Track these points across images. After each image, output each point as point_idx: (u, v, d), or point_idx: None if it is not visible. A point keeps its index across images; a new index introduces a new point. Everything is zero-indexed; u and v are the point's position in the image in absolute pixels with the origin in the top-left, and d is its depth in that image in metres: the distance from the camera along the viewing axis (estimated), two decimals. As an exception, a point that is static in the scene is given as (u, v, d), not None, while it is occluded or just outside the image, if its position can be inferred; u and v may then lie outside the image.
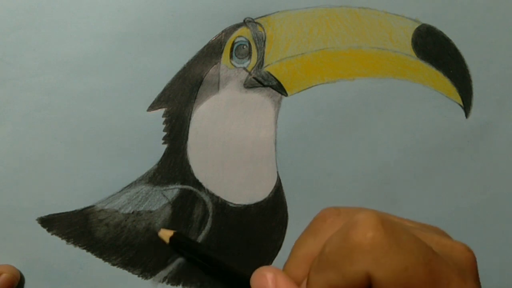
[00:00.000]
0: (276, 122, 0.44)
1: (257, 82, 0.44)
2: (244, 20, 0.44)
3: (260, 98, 0.44)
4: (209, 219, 0.44)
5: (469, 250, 0.27)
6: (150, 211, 0.43)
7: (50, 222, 0.43)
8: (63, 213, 0.43)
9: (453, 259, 0.26)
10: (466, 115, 0.45)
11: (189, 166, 0.44)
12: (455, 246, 0.26)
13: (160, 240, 0.43)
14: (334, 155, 0.44)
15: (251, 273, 0.31)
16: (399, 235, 0.25)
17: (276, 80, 0.44)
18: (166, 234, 0.43)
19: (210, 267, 0.42)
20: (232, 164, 0.44)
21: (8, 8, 0.43)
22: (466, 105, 0.45)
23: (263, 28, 0.44)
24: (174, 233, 0.42)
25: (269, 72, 0.44)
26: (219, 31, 0.44)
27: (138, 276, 0.43)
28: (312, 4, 0.44)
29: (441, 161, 0.45)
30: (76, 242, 0.43)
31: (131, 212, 0.43)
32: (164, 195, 0.44)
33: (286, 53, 0.44)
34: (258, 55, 0.44)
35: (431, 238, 0.26)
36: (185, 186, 0.44)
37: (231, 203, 0.44)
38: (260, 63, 0.44)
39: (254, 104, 0.44)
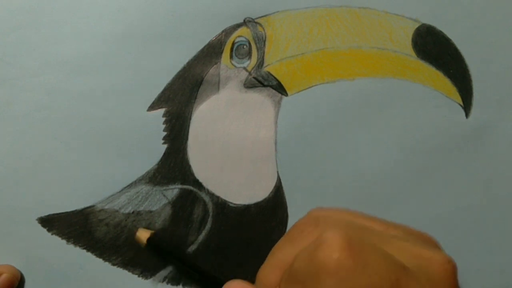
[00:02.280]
0: (276, 122, 0.44)
1: (257, 82, 0.44)
2: (244, 20, 0.44)
3: (260, 98, 0.44)
4: (209, 219, 0.44)
5: (449, 262, 0.26)
6: (150, 211, 0.43)
7: (50, 222, 0.43)
8: (63, 213, 0.43)
9: (428, 273, 0.26)
10: (466, 115, 0.45)
11: (189, 166, 0.44)
12: (433, 258, 0.26)
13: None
14: (334, 155, 0.44)
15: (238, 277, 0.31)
16: (366, 256, 0.25)
17: (276, 80, 0.44)
18: (143, 235, 0.42)
19: (187, 271, 0.42)
20: (232, 164, 0.44)
21: (8, 8, 0.43)
22: (466, 105, 0.45)
23: (263, 28, 0.44)
24: (152, 234, 0.42)
25: (269, 72, 0.44)
26: (219, 31, 0.44)
27: (138, 276, 0.43)
28: (312, 4, 0.44)
29: (441, 161, 0.45)
30: (76, 242, 0.43)
31: (131, 212, 0.43)
32: (164, 195, 0.44)
33: (286, 53, 0.44)
34: (258, 55, 0.44)
35: (409, 250, 0.26)
36: (185, 186, 0.44)
37: (231, 203, 0.44)
38: (260, 63, 0.44)
39: (254, 104, 0.44)
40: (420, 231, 0.29)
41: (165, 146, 0.44)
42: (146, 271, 0.43)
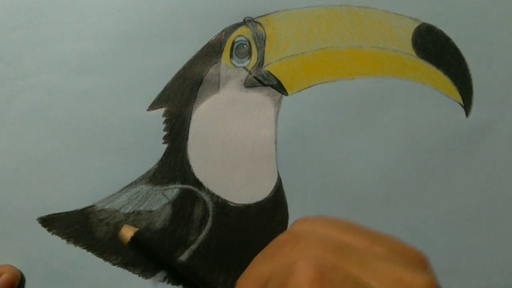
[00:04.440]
0: (276, 122, 0.44)
1: (257, 82, 0.44)
2: (244, 20, 0.44)
3: (260, 98, 0.44)
4: (210, 219, 0.44)
5: (429, 287, 0.26)
6: (150, 211, 0.43)
7: (50, 222, 0.43)
8: (63, 213, 0.43)
9: None
10: (467, 114, 0.45)
11: (189, 166, 0.44)
12: (413, 284, 0.26)
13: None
14: (334, 154, 0.44)
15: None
16: None
17: (276, 79, 0.44)
18: (127, 234, 0.42)
19: (167, 270, 0.43)
20: (232, 163, 0.44)
21: (8, 8, 0.43)
22: (467, 104, 0.45)
23: (263, 28, 0.44)
24: (135, 233, 0.42)
25: (269, 71, 0.44)
26: (219, 30, 0.44)
27: (139, 276, 0.43)
28: (312, 3, 0.44)
29: (441, 161, 0.45)
30: (77, 242, 0.43)
31: (132, 211, 0.43)
32: (164, 195, 0.44)
33: (286, 52, 0.44)
34: (258, 54, 0.44)
35: (388, 275, 0.26)
36: (185, 186, 0.44)
37: (232, 202, 0.44)
38: (260, 62, 0.44)
39: (254, 104, 0.44)
40: (408, 246, 0.29)
41: (165, 145, 0.44)
42: (146, 271, 0.43)
